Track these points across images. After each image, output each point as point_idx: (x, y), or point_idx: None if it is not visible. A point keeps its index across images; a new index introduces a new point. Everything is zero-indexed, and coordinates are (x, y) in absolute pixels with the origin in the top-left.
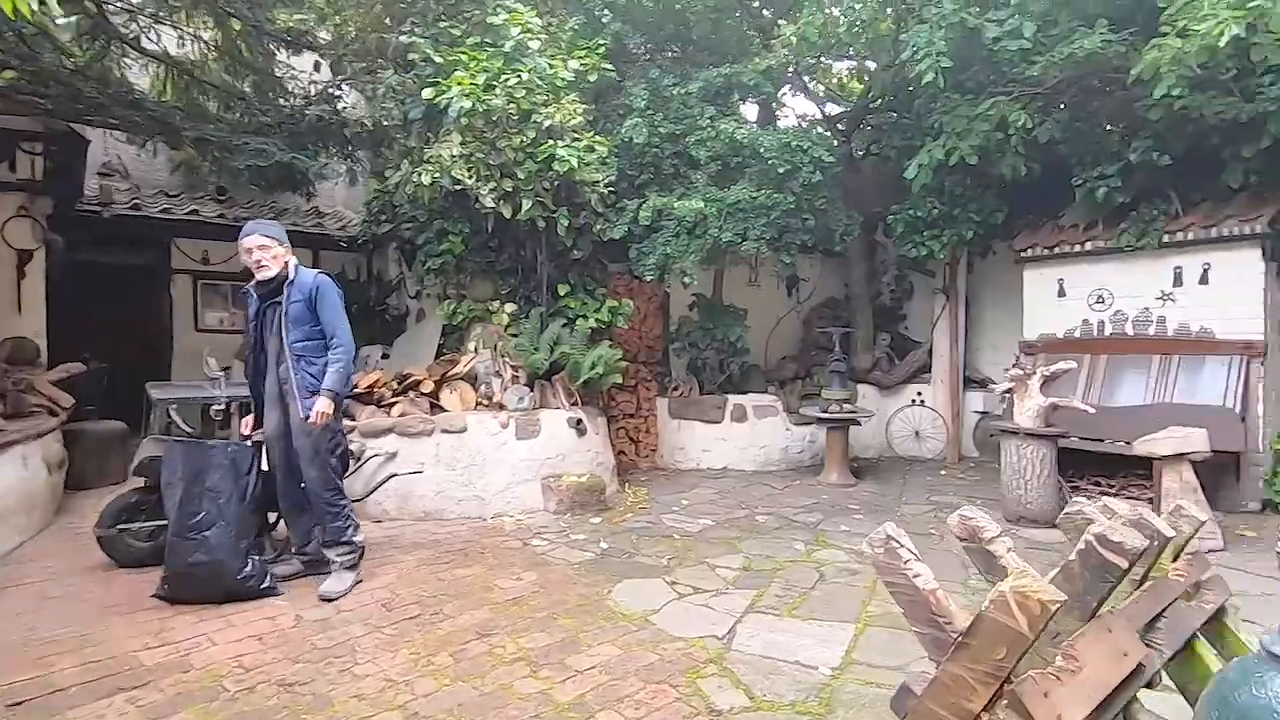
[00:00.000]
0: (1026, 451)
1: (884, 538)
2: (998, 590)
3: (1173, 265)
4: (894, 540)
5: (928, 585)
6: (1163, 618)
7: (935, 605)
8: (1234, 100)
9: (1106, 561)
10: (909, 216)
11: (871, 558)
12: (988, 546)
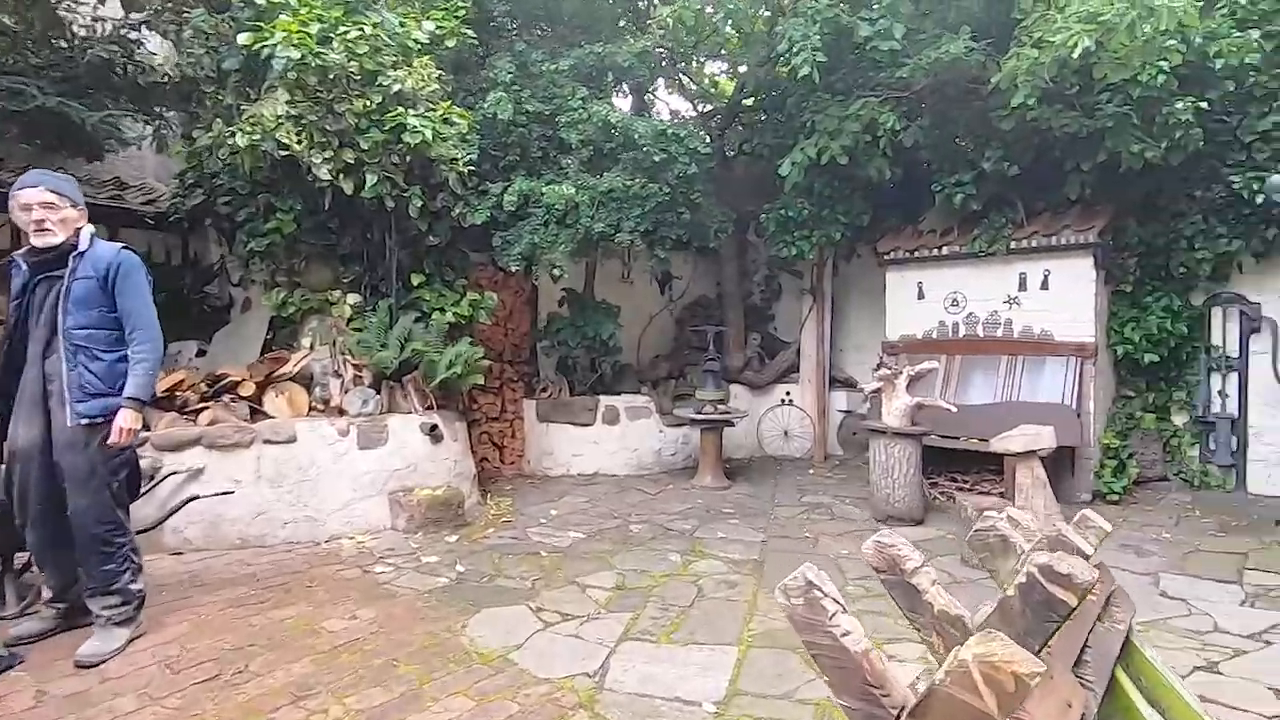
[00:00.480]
0: (894, 450)
1: (802, 584)
2: (956, 659)
3: (1018, 271)
4: (815, 588)
5: (859, 646)
6: (1087, 648)
7: (870, 673)
8: (1076, 115)
9: (1052, 598)
10: (780, 216)
11: (787, 610)
12: (910, 580)
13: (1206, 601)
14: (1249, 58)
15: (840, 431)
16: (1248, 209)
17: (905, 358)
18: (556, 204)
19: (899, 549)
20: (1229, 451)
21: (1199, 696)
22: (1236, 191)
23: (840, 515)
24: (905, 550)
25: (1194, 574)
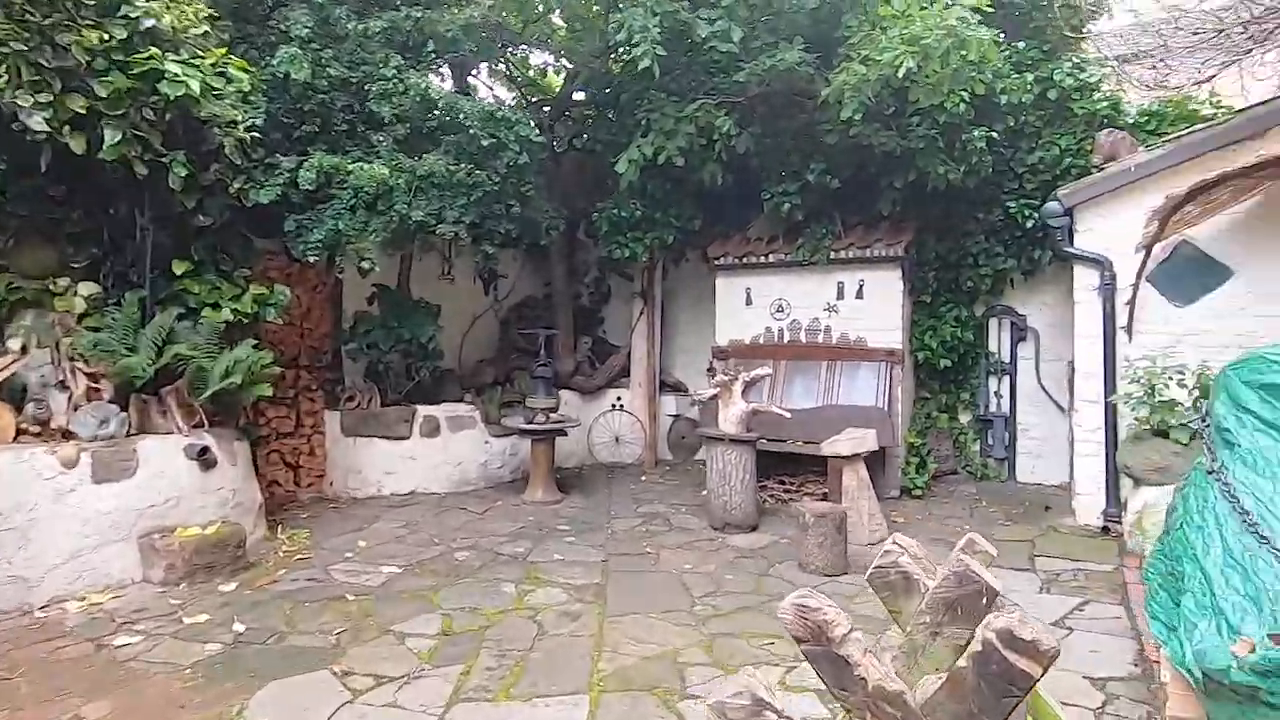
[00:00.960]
0: (731, 457)
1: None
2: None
3: (837, 280)
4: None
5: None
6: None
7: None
8: (892, 135)
9: (1013, 669)
10: (613, 216)
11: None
12: (839, 649)
13: (1015, 593)
14: (1024, 98)
15: (670, 436)
16: (1019, 232)
17: (735, 363)
18: (366, 186)
19: (825, 613)
20: (1003, 446)
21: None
22: (1012, 216)
23: (678, 525)
24: (831, 614)
25: (998, 565)
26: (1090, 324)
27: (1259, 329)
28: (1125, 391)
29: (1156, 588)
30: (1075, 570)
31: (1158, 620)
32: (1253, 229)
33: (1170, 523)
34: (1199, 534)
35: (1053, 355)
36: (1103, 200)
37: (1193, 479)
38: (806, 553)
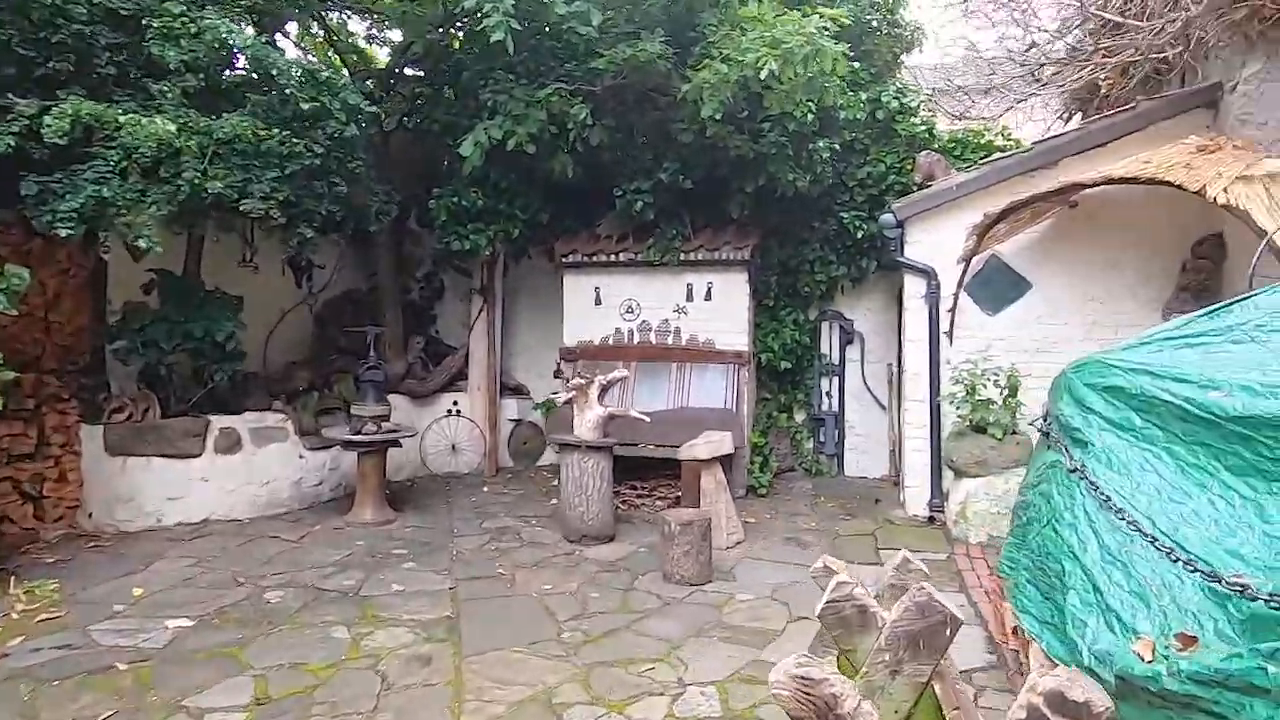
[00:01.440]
0: (588, 465)
1: None
2: None
3: (686, 281)
4: None
5: None
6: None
7: None
8: (745, 139)
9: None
10: (452, 204)
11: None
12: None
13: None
14: (859, 114)
15: (511, 442)
16: (850, 242)
17: (584, 364)
18: (144, 146)
19: (831, 685)
20: (834, 443)
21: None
22: (845, 226)
23: (531, 540)
24: (839, 685)
25: (849, 559)
26: (918, 329)
27: (1051, 335)
28: (949, 392)
29: (1024, 582)
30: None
31: (1029, 614)
32: (1046, 248)
33: (1029, 517)
34: (1071, 531)
35: (876, 357)
36: (929, 215)
37: (1050, 477)
38: (672, 562)
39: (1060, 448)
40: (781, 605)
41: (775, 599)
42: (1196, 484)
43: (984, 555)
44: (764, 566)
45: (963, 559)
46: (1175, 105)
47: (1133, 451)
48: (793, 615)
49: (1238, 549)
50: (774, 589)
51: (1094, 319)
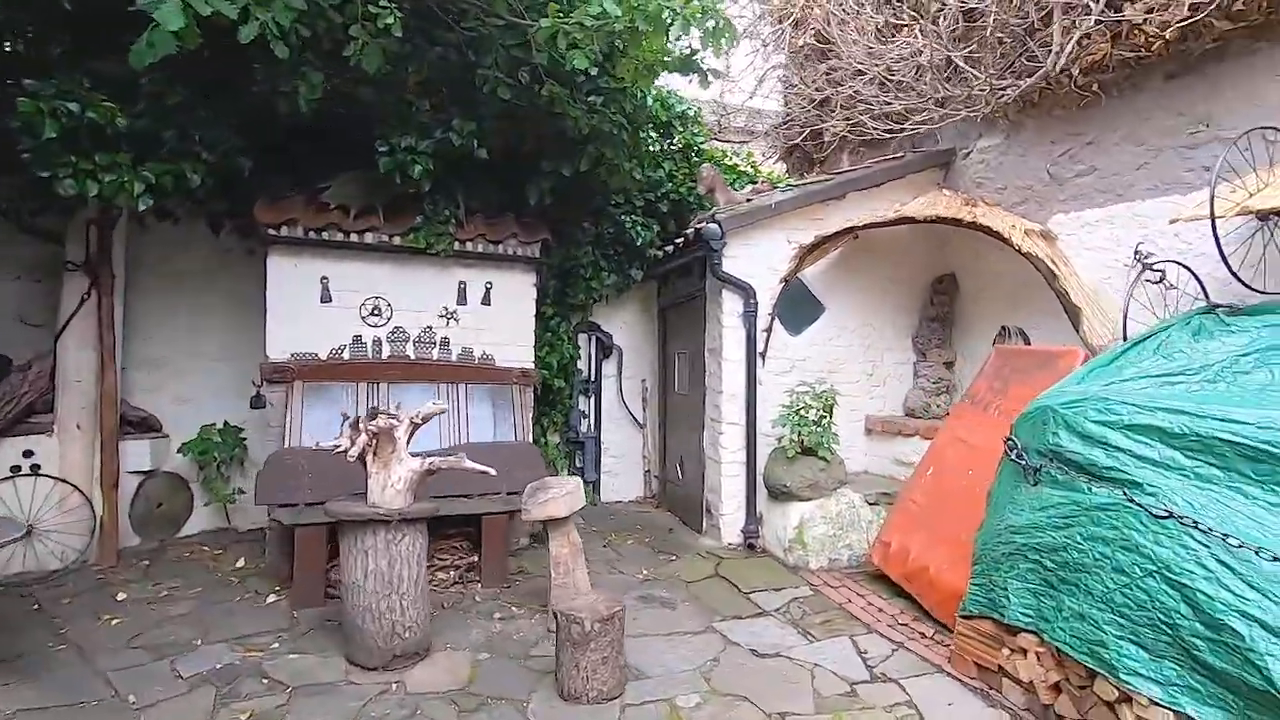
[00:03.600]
0: (401, 547)
1: None
2: None
3: (459, 280)
4: None
5: None
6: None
7: None
8: (583, 111)
9: None
10: (70, 112)
11: None
12: None
13: (793, 648)
14: (659, 113)
15: (136, 506)
16: (622, 248)
17: (302, 386)
18: None
19: None
20: (593, 467)
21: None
22: (626, 230)
23: (297, 681)
24: None
25: (725, 614)
26: (735, 349)
27: (839, 355)
28: (780, 414)
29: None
30: (791, 601)
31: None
32: (836, 274)
33: (1079, 563)
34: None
35: (632, 372)
36: (748, 230)
37: (1109, 521)
38: (583, 674)
39: (1110, 488)
40: (742, 700)
41: (723, 692)
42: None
43: (844, 583)
44: (655, 644)
45: (837, 591)
46: (924, 161)
47: (1190, 489)
48: (770, 712)
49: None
50: (704, 676)
51: (868, 342)
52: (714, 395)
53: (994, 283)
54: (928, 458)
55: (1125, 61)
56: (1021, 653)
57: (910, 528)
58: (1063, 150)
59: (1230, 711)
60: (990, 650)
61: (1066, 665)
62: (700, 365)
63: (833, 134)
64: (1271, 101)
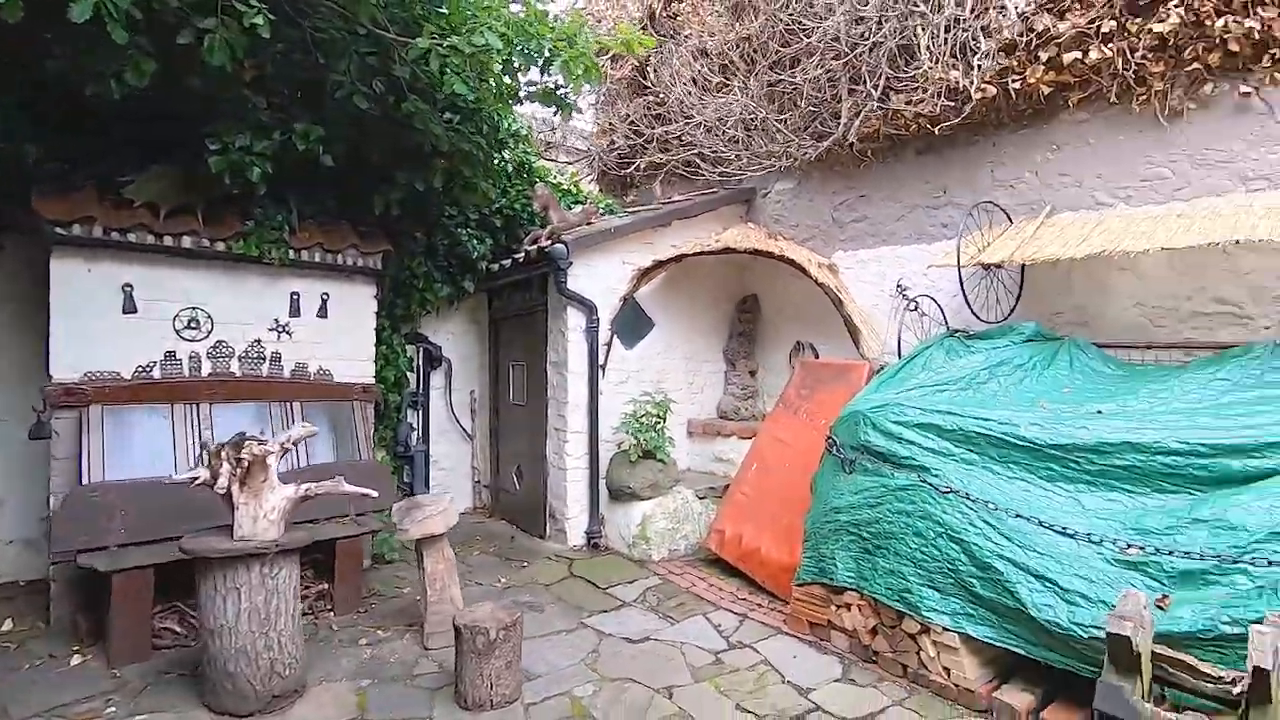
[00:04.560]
0: (278, 580)
1: None
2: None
3: (291, 290)
4: None
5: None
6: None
7: None
8: (445, 127)
9: None
10: None
11: None
12: None
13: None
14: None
15: None
16: (455, 260)
17: (101, 411)
18: None
19: None
20: (425, 481)
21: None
22: (461, 243)
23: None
24: None
25: (590, 609)
26: (579, 361)
27: (667, 366)
28: (623, 421)
29: (918, 586)
30: (645, 591)
31: (936, 611)
32: (664, 294)
33: (886, 531)
34: (983, 538)
35: (461, 384)
36: (590, 250)
37: (909, 498)
38: (485, 681)
39: (908, 473)
40: (631, 682)
41: (611, 678)
42: (1020, 487)
43: (686, 570)
44: (536, 645)
45: (684, 578)
46: (733, 197)
47: (962, 470)
48: (658, 688)
49: (1080, 525)
50: (590, 667)
51: (689, 355)
52: (558, 405)
53: (789, 305)
54: (751, 455)
55: (890, 137)
56: (847, 607)
57: (741, 517)
58: (842, 200)
59: (994, 627)
60: (821, 609)
61: (881, 612)
62: (541, 377)
63: (649, 163)
64: (984, 184)
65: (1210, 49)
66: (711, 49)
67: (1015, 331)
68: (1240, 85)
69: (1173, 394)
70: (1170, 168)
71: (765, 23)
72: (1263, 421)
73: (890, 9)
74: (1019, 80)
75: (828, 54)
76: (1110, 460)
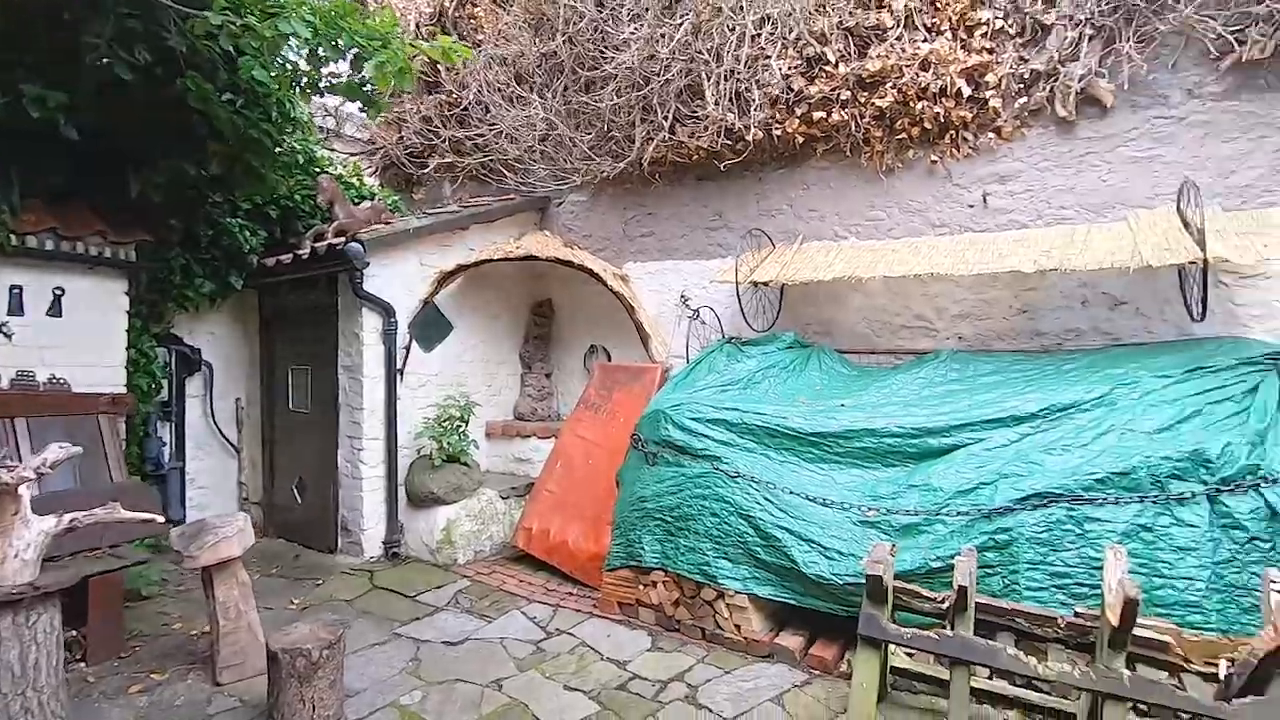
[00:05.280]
0: (37, 629)
1: None
2: None
3: (9, 284)
4: None
5: None
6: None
7: None
8: (228, 108)
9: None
10: None
11: None
12: None
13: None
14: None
15: None
16: (219, 252)
17: None
18: None
19: None
20: (179, 502)
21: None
22: (233, 235)
23: None
24: None
25: (402, 619)
26: (375, 366)
27: (466, 370)
28: (426, 426)
29: (716, 560)
30: (456, 594)
31: (731, 579)
32: (463, 296)
33: (689, 514)
34: (766, 512)
35: (224, 391)
36: (388, 251)
37: (706, 483)
38: (308, 707)
39: (703, 462)
40: (457, 682)
41: (437, 681)
42: (791, 469)
43: (494, 570)
44: (353, 662)
45: (486, 577)
46: (530, 204)
47: (747, 457)
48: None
49: (835, 496)
50: (413, 674)
51: (486, 357)
52: (353, 412)
53: (584, 310)
54: (555, 453)
55: (676, 164)
56: (653, 585)
57: (548, 512)
58: (632, 215)
59: (775, 586)
60: (629, 590)
61: (683, 585)
62: (330, 382)
63: (443, 164)
64: (752, 212)
65: (913, 124)
66: (508, 58)
67: (779, 339)
68: (930, 154)
69: (892, 390)
70: (885, 212)
71: (565, 44)
72: (948, 409)
73: (680, 53)
74: (780, 128)
75: (624, 83)
76: (853, 444)
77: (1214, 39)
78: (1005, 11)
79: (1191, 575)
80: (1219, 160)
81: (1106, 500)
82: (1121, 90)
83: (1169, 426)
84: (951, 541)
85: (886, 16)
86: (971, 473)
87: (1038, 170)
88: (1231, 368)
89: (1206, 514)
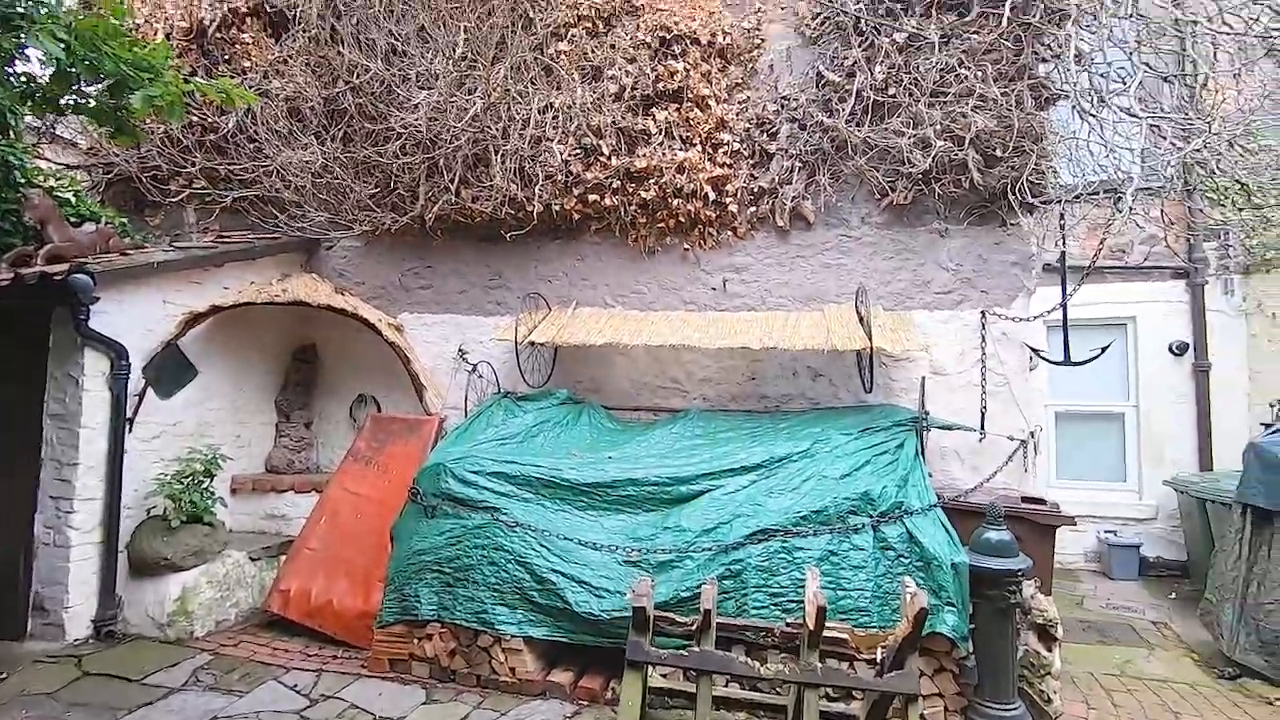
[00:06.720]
0: None
1: None
2: None
3: None
4: None
5: None
6: None
7: None
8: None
9: None
10: None
11: None
12: None
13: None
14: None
15: None
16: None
17: None
18: None
19: None
20: None
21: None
22: None
23: None
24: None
25: (116, 708)
26: (98, 414)
27: (211, 419)
28: (156, 484)
29: (493, 606)
30: (196, 670)
31: (508, 624)
32: (212, 338)
33: (468, 564)
34: (542, 559)
35: None
36: (123, 286)
37: (485, 533)
38: None
39: (483, 513)
40: None
41: None
42: (564, 517)
43: (241, 639)
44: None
45: (232, 649)
46: (294, 245)
47: (524, 507)
48: None
49: (603, 540)
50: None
51: (237, 404)
52: (62, 469)
53: (352, 358)
54: (320, 508)
55: (458, 223)
56: (429, 638)
57: (310, 571)
58: (410, 267)
59: (549, 627)
60: (402, 646)
61: (460, 635)
62: (28, 434)
63: (193, 194)
64: (531, 276)
65: (670, 216)
66: (276, 93)
67: (553, 396)
68: (684, 243)
69: (650, 443)
70: (647, 287)
71: (350, 93)
72: (695, 460)
73: (470, 125)
74: (559, 204)
75: (410, 141)
76: (619, 492)
77: (877, 185)
78: (741, 137)
79: (862, 586)
80: (881, 272)
81: (807, 532)
82: (820, 212)
83: (849, 474)
84: (698, 574)
85: (651, 124)
86: (713, 514)
87: (763, 265)
88: (888, 428)
89: (871, 540)
